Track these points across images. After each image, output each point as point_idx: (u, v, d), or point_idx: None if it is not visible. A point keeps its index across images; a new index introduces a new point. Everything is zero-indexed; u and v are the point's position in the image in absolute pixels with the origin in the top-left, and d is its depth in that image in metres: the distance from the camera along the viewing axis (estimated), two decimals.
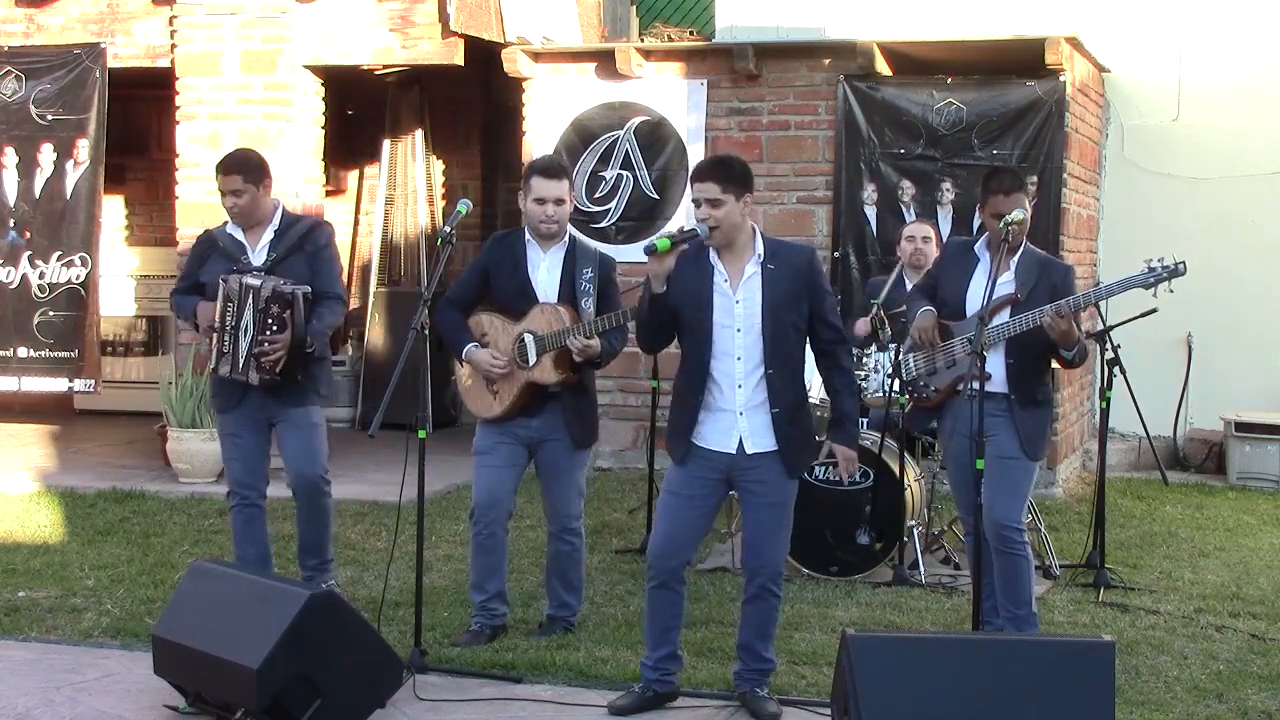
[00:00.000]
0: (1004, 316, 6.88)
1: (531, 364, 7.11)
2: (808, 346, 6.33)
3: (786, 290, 6.13)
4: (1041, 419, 7.04)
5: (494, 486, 7.32)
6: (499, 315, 7.25)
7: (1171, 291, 6.91)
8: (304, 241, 7.44)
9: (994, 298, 6.70)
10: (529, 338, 7.11)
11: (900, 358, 7.52)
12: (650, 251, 5.97)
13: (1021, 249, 6.94)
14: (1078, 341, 6.86)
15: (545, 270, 7.20)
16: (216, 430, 7.93)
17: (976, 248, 7.08)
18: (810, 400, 6.55)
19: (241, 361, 7.28)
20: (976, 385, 6.47)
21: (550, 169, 7.26)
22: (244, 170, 7.38)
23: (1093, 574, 8.51)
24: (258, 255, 7.41)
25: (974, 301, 6.87)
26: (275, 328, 7.18)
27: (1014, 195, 6.85)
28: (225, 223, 7.62)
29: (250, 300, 7.21)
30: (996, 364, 6.87)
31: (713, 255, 6.18)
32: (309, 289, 7.32)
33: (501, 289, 7.25)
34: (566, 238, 7.26)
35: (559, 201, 7.12)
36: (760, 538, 6.27)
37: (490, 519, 7.31)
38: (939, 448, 8.89)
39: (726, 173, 6.09)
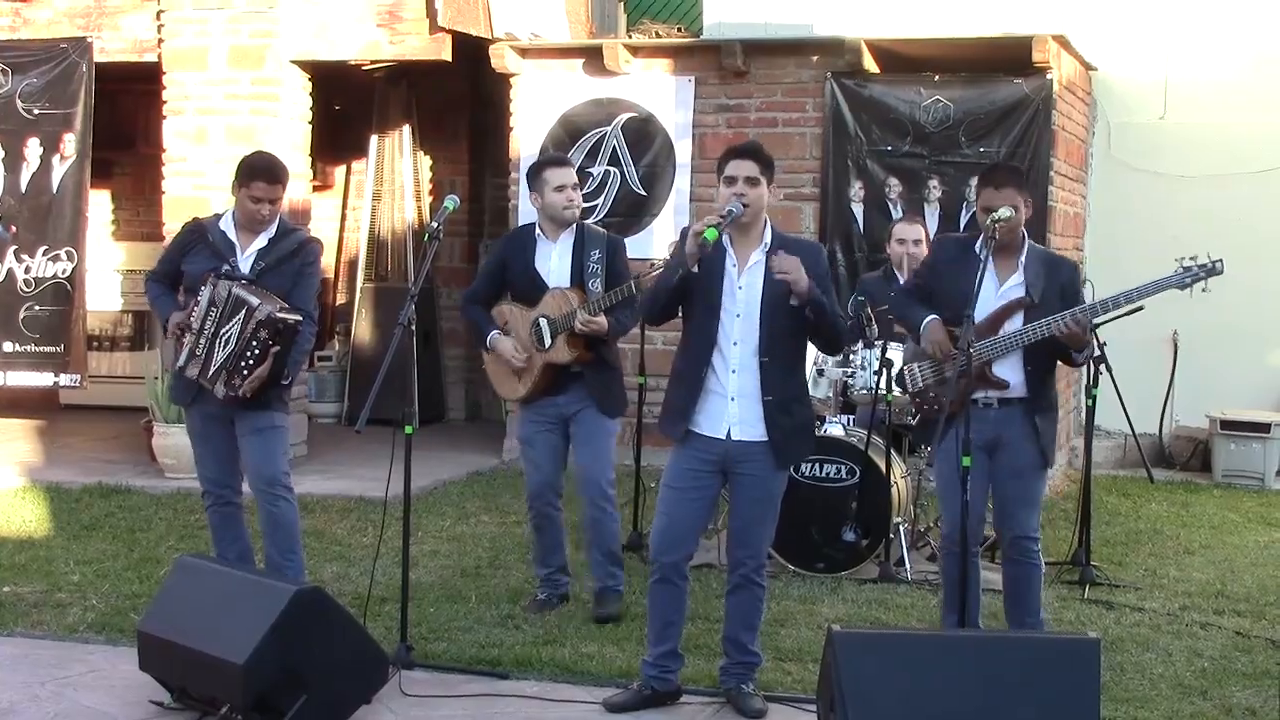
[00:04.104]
0: (1016, 322, 6.65)
1: (548, 346, 7.50)
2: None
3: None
4: (1054, 422, 6.88)
5: (543, 476, 7.74)
6: (517, 305, 7.71)
7: (1206, 290, 6.82)
8: (294, 256, 7.32)
9: (1005, 302, 6.63)
10: (543, 321, 7.52)
11: (904, 367, 7.21)
12: (703, 245, 5.97)
13: (1026, 248, 6.72)
14: (1088, 342, 6.80)
15: (556, 259, 7.63)
16: (185, 428, 7.85)
17: (977, 247, 6.72)
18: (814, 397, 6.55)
19: (212, 371, 7.10)
20: (993, 393, 6.57)
21: (558, 159, 7.93)
22: (284, 181, 7.32)
23: (1078, 571, 8.52)
24: (246, 259, 7.21)
25: (984, 306, 6.56)
26: (258, 352, 6.99)
27: (1005, 190, 6.61)
28: (218, 216, 7.49)
29: (242, 316, 7.00)
30: (1014, 371, 6.68)
31: (725, 239, 6.20)
32: (300, 318, 7.15)
33: (514, 282, 7.74)
34: (573, 225, 7.65)
35: (575, 186, 7.66)
36: (745, 529, 6.28)
37: (543, 504, 7.76)
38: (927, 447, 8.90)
39: (762, 156, 6.22)
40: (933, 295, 6.89)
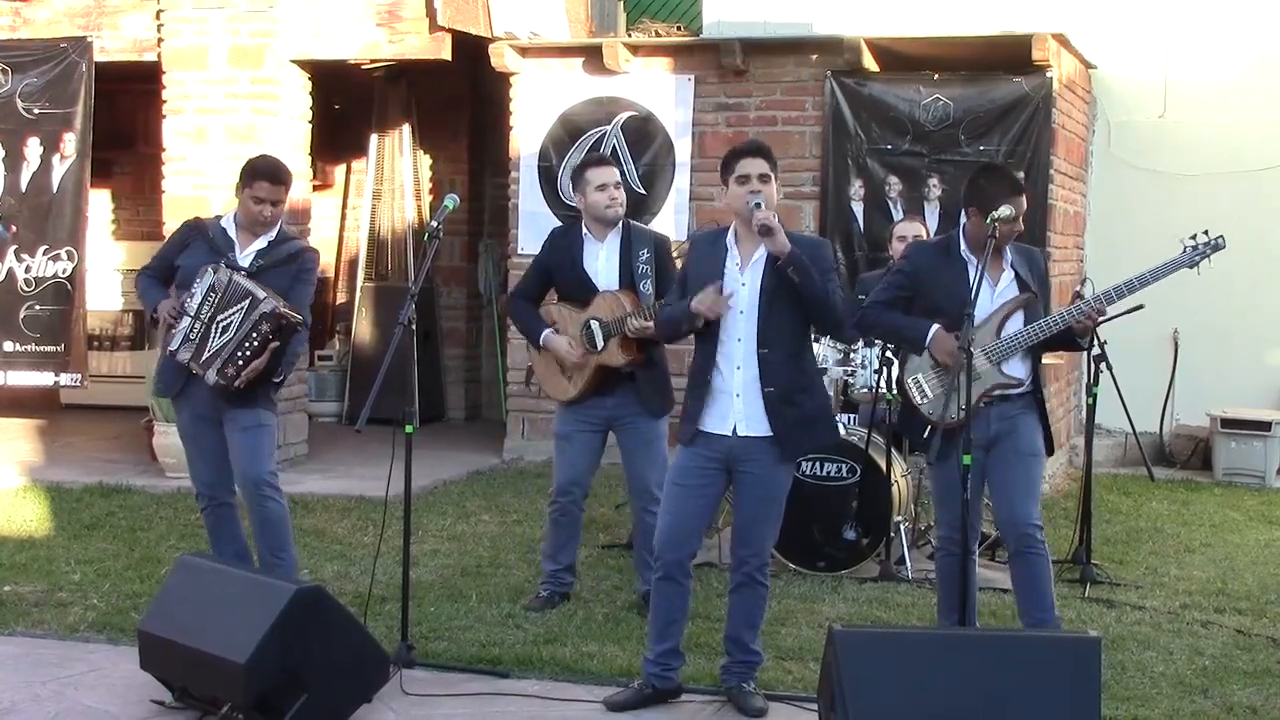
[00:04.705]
0: (1017, 319, 6.56)
1: (600, 349, 7.51)
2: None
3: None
4: (1045, 410, 6.81)
5: (574, 471, 7.82)
6: (566, 305, 7.73)
7: (1211, 265, 6.80)
8: (291, 261, 7.33)
9: (1004, 302, 6.55)
10: (594, 324, 7.53)
11: (909, 379, 6.87)
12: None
13: (1008, 244, 6.60)
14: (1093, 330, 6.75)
15: (604, 259, 7.63)
16: (175, 427, 7.83)
17: (963, 251, 6.61)
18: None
19: (206, 356, 7.10)
20: (998, 391, 6.53)
21: (600, 159, 8.03)
22: (288, 183, 7.34)
23: (1079, 570, 8.52)
24: (244, 258, 7.22)
25: (983, 308, 6.46)
26: (256, 345, 7.01)
27: (1020, 196, 6.50)
28: (219, 217, 7.52)
29: (245, 306, 7.01)
30: (1023, 366, 6.60)
31: (730, 239, 6.28)
32: (301, 319, 7.18)
33: (563, 283, 7.77)
34: (620, 224, 7.65)
35: (618, 185, 7.65)
36: (748, 527, 6.27)
37: (568, 499, 7.85)
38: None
39: (770, 154, 6.30)
40: (914, 303, 6.74)
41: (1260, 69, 12.60)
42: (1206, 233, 6.81)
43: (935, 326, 6.59)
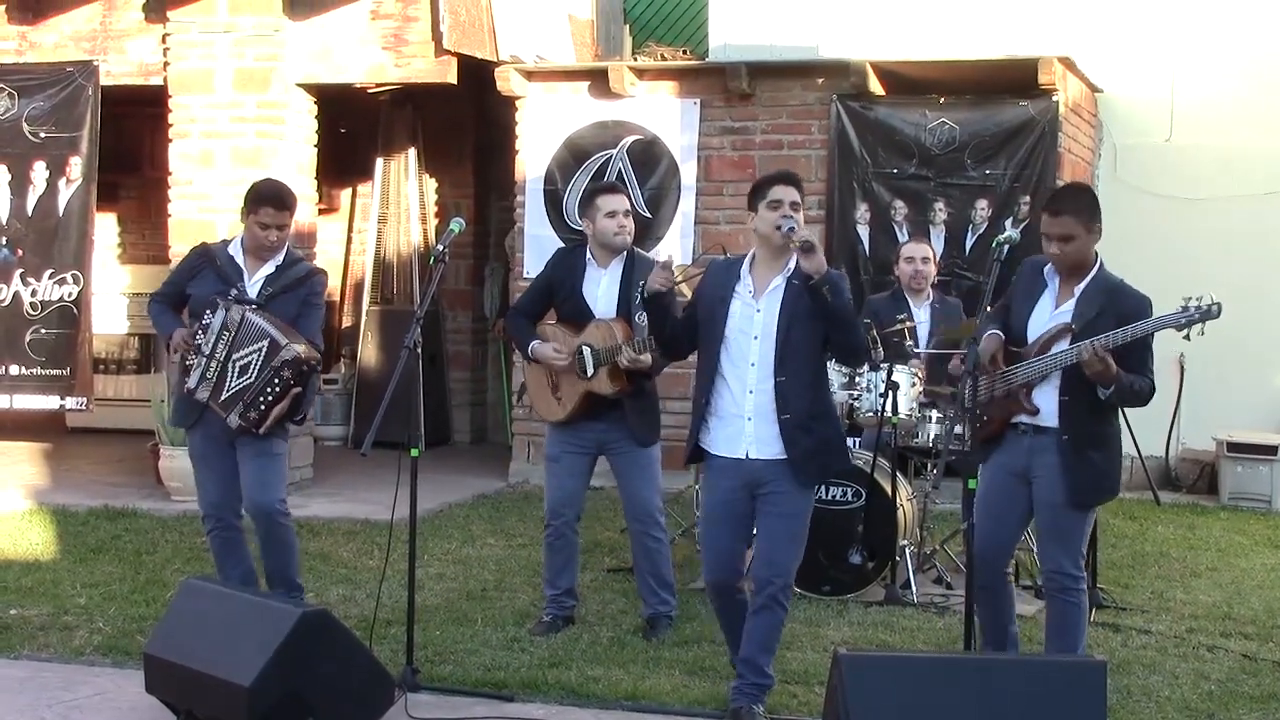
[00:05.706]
0: (1062, 347, 6.36)
1: (590, 375, 7.51)
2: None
3: (809, 304, 6.16)
4: (1100, 463, 6.41)
5: (563, 493, 7.80)
6: (560, 327, 7.75)
7: (1203, 334, 6.62)
8: (300, 285, 7.36)
9: (1051, 326, 6.42)
10: (586, 350, 7.53)
11: (968, 380, 6.72)
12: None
13: (1092, 274, 6.49)
14: (1115, 380, 6.21)
15: (605, 286, 7.65)
16: (186, 451, 7.87)
17: (1045, 271, 6.55)
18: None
19: (225, 397, 7.17)
20: (1027, 419, 6.40)
21: (611, 186, 8.18)
22: (292, 207, 7.38)
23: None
24: (253, 285, 7.27)
25: (1036, 329, 6.46)
26: (278, 390, 7.09)
27: (1061, 217, 6.37)
28: (226, 242, 7.55)
29: (265, 348, 7.07)
30: (1048, 398, 6.39)
31: (745, 267, 6.32)
32: (320, 357, 7.29)
33: (561, 304, 7.79)
34: (624, 253, 7.66)
35: (627, 214, 7.66)
36: (772, 548, 6.29)
37: (561, 522, 7.80)
38: (930, 467, 8.90)
39: (801, 184, 6.36)
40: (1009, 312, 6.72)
41: (1267, 92, 12.59)
42: (1212, 296, 6.48)
43: (992, 331, 6.53)
